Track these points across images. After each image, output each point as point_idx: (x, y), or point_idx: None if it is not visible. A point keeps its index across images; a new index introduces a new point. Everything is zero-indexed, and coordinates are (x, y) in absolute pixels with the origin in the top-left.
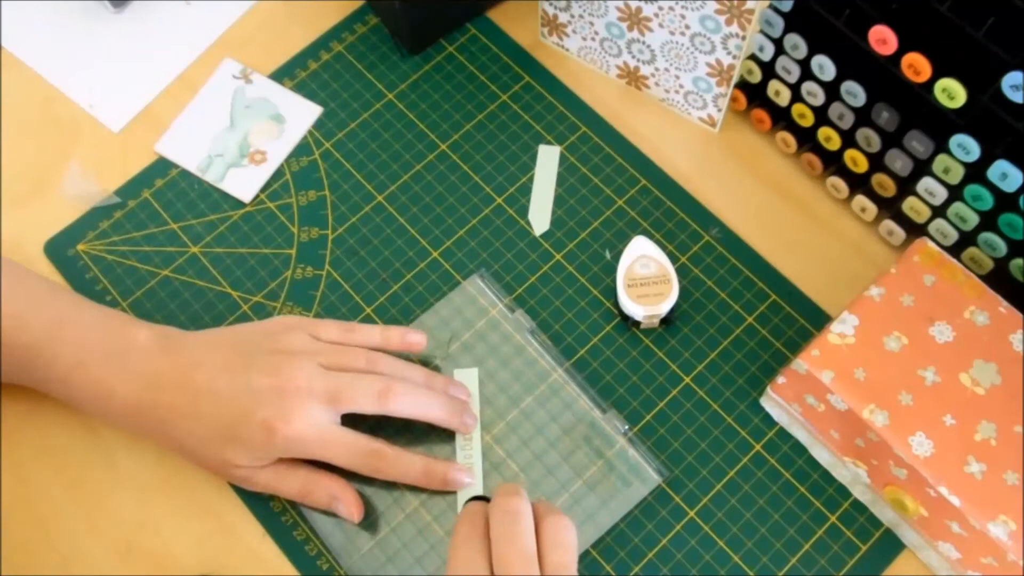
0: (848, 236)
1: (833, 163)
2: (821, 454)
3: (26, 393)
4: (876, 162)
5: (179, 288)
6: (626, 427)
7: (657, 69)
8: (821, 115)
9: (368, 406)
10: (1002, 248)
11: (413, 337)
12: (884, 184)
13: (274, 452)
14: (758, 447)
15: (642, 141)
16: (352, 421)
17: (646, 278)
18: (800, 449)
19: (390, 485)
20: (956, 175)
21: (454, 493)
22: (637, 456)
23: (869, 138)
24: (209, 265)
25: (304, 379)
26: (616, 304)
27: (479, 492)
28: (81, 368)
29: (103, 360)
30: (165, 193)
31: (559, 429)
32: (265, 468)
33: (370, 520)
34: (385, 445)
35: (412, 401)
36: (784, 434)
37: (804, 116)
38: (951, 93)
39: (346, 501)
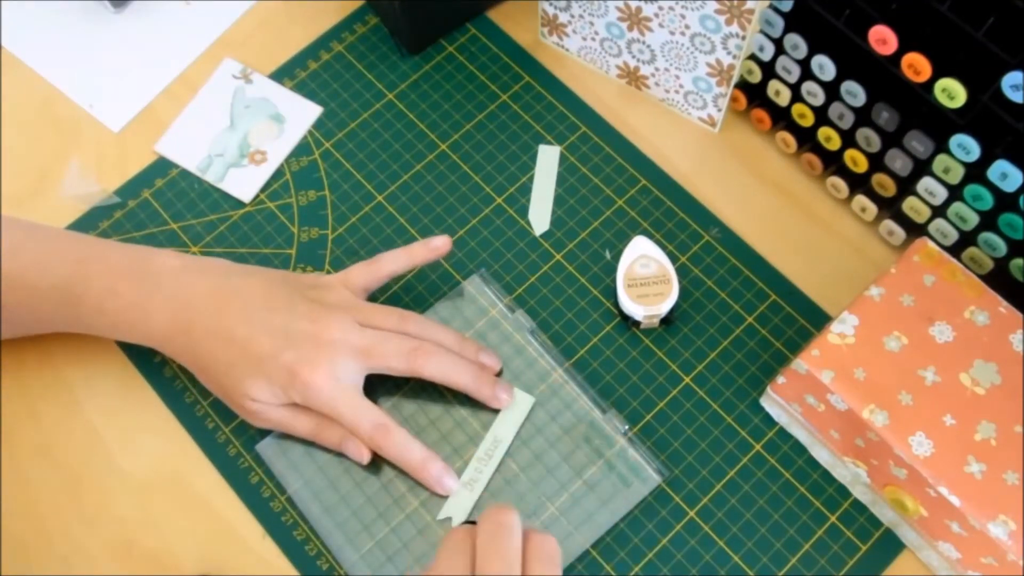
0: (848, 236)
1: (833, 163)
2: (821, 454)
3: (26, 393)
4: (876, 162)
5: None
6: (626, 427)
7: (657, 69)
8: (821, 115)
9: (398, 365)
10: (1002, 248)
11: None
12: (884, 184)
13: (291, 395)
14: (758, 447)
15: (642, 141)
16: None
17: (646, 278)
18: (800, 449)
19: (390, 486)
20: (956, 175)
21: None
22: (637, 456)
23: (869, 138)
24: None
25: (339, 331)
26: (616, 304)
27: (470, 507)
28: (115, 296)
29: (137, 285)
30: (165, 193)
31: (559, 429)
32: (281, 407)
33: (370, 519)
34: (395, 424)
35: (440, 364)
36: (784, 434)
37: (804, 116)
38: (951, 93)
39: (356, 442)
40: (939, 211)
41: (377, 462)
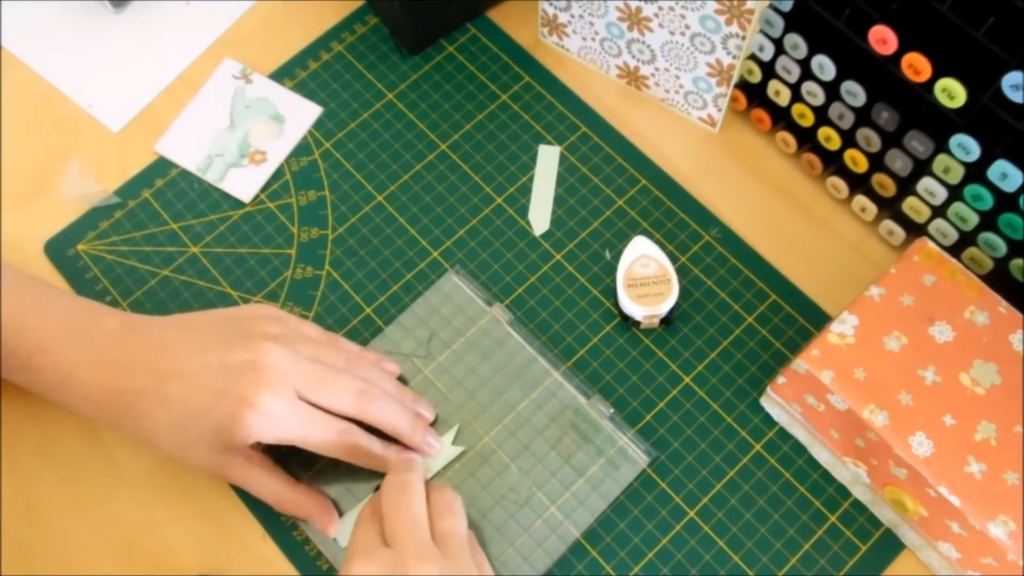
0: (848, 236)
1: (833, 163)
2: (821, 454)
3: (26, 393)
4: (876, 162)
5: (179, 288)
6: (611, 411)
7: (657, 69)
8: (821, 115)
9: (344, 404)
10: (1002, 248)
11: (388, 366)
12: (884, 184)
13: (245, 432)
14: (758, 447)
15: (642, 141)
16: None
17: (646, 278)
18: (800, 449)
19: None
20: (956, 175)
21: None
22: (624, 438)
23: (869, 138)
24: (209, 265)
25: (284, 361)
26: (616, 304)
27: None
28: (44, 354)
29: (67, 346)
30: (165, 193)
31: (546, 417)
32: (249, 464)
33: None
34: (358, 428)
35: (385, 409)
36: (784, 434)
37: (804, 116)
38: (951, 93)
39: (326, 515)
40: (939, 211)
41: (364, 472)
